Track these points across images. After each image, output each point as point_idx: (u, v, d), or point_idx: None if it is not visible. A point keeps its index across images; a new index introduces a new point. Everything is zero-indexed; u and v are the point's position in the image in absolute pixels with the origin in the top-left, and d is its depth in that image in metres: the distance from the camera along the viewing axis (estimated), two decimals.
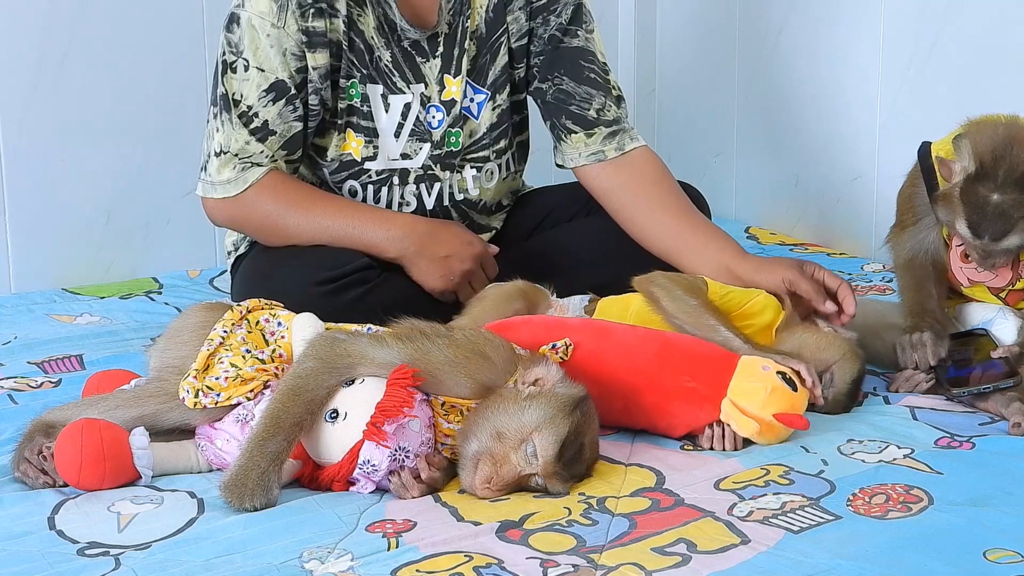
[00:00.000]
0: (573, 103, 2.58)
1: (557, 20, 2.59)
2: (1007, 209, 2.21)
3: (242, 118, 2.44)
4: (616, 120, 2.60)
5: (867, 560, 1.78)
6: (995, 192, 2.21)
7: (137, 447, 2.02)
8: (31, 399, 2.39)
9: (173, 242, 3.21)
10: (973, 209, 2.22)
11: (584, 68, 2.59)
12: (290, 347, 2.10)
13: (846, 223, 3.28)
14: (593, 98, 2.59)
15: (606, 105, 2.59)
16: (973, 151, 2.23)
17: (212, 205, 2.51)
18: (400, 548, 1.84)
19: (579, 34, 2.60)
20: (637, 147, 2.60)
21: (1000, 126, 2.28)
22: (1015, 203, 2.21)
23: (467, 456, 1.98)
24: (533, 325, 2.22)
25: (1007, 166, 2.21)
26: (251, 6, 2.42)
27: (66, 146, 3.10)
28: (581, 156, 2.59)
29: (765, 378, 2.13)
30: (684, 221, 2.54)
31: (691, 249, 2.49)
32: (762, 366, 2.14)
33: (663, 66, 3.75)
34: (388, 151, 2.53)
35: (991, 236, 2.22)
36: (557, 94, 2.59)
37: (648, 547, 1.82)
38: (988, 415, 2.26)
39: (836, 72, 3.27)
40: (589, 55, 2.60)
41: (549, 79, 2.60)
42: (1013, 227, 2.22)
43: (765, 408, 2.11)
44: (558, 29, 2.59)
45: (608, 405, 2.13)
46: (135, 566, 1.81)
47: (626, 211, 2.58)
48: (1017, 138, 2.24)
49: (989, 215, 2.21)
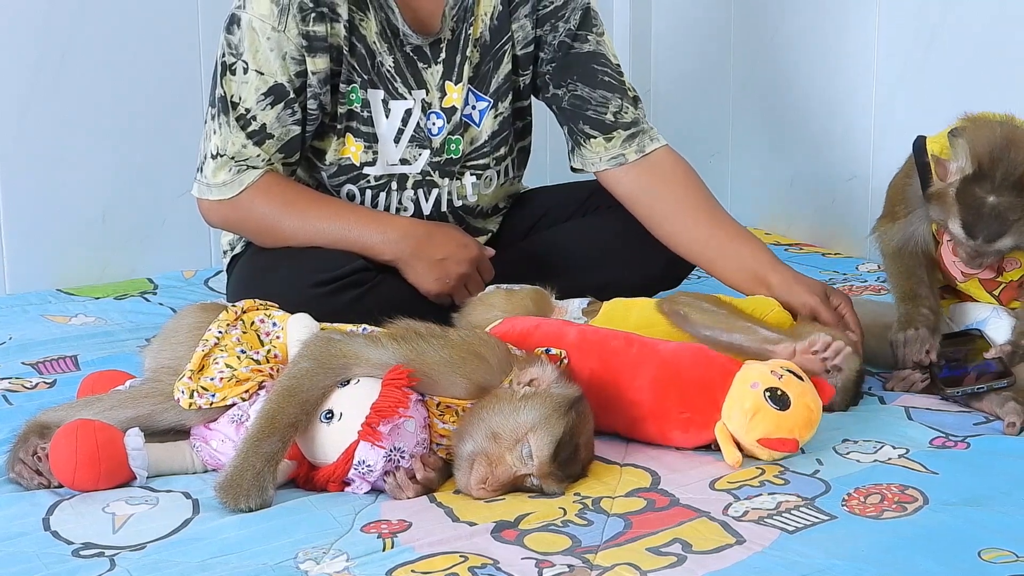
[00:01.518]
0: (589, 108, 2.57)
1: (566, 26, 2.57)
2: (1003, 211, 2.21)
3: (240, 121, 2.44)
4: (635, 122, 2.58)
5: (862, 560, 1.78)
6: (991, 194, 2.21)
7: (132, 448, 2.02)
8: (26, 400, 2.39)
9: (168, 243, 3.21)
10: (969, 210, 2.22)
11: (597, 72, 2.58)
12: (285, 348, 2.10)
13: (841, 223, 3.28)
14: (609, 101, 2.57)
15: (623, 107, 2.58)
16: (971, 151, 2.23)
17: (207, 207, 2.50)
18: (395, 549, 1.84)
19: (589, 38, 2.59)
20: (658, 147, 2.58)
21: (997, 126, 2.27)
22: (1011, 206, 2.21)
23: (462, 456, 1.98)
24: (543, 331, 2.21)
25: (1004, 168, 2.21)
26: (252, 8, 2.41)
27: (62, 147, 3.10)
28: (602, 161, 2.58)
29: (751, 398, 2.07)
30: (715, 225, 2.51)
31: (723, 255, 2.48)
32: (751, 384, 2.08)
33: (658, 67, 3.75)
34: (387, 156, 2.52)
35: (985, 238, 2.22)
36: (572, 100, 2.58)
37: (643, 547, 1.82)
38: (983, 415, 2.26)
39: (831, 73, 3.27)
40: (601, 58, 2.59)
41: (563, 85, 2.58)
42: (1008, 229, 2.21)
43: (748, 434, 2.07)
44: (567, 35, 2.58)
45: (613, 422, 2.14)
46: (130, 567, 1.81)
47: (653, 215, 2.55)
48: (1013, 140, 2.24)
49: (985, 217, 2.21)
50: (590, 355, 2.16)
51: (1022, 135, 2.25)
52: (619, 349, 2.17)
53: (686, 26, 3.68)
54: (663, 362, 2.15)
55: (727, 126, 3.59)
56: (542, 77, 2.61)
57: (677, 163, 2.59)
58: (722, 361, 2.15)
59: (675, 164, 2.58)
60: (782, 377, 2.09)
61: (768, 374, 2.09)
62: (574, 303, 2.38)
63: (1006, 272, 2.35)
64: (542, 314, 2.31)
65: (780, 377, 2.08)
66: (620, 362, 2.15)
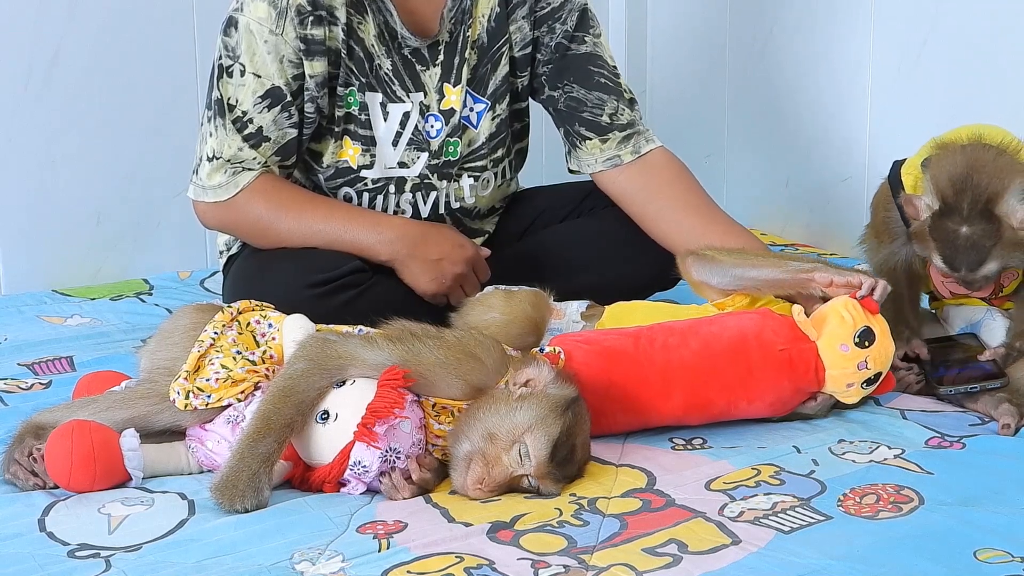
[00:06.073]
0: (585, 110, 2.57)
1: (563, 27, 2.58)
2: (977, 240, 2.21)
3: (236, 123, 2.43)
4: (630, 123, 2.59)
5: (858, 560, 1.78)
6: (963, 225, 2.21)
7: (127, 449, 2.02)
8: (21, 401, 2.39)
9: (163, 243, 3.21)
10: (945, 244, 2.22)
11: (593, 74, 2.58)
12: (281, 348, 2.10)
13: (836, 224, 3.29)
14: (605, 103, 2.58)
15: (619, 109, 2.58)
16: (934, 187, 2.23)
17: (203, 209, 2.50)
18: (391, 549, 1.84)
19: (586, 40, 2.59)
20: (653, 148, 2.59)
21: (958, 152, 2.25)
22: (984, 233, 2.21)
23: (458, 457, 1.98)
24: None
25: (970, 198, 2.20)
26: (250, 11, 2.41)
27: (57, 147, 3.10)
28: (597, 162, 2.58)
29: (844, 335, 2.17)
30: (709, 222, 2.53)
31: None
32: (840, 345, 2.16)
33: (654, 67, 3.75)
34: (385, 160, 2.52)
35: (967, 268, 2.23)
36: (568, 102, 2.59)
37: (639, 548, 1.82)
38: (978, 415, 2.27)
39: (826, 73, 3.27)
40: (598, 60, 2.59)
41: (559, 87, 2.59)
42: (987, 256, 2.21)
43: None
44: (564, 36, 2.58)
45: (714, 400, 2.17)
46: (126, 568, 1.81)
47: (647, 214, 2.56)
48: (976, 165, 2.22)
49: (961, 248, 2.21)
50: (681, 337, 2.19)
51: (987, 157, 2.23)
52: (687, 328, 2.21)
53: (682, 27, 3.69)
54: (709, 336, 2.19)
55: (722, 127, 3.59)
56: (539, 78, 2.61)
57: (672, 162, 2.59)
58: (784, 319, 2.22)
59: (670, 163, 2.59)
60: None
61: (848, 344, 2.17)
62: (572, 305, 2.38)
63: (1005, 287, 2.36)
64: (540, 316, 2.31)
65: None
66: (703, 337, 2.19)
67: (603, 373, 2.14)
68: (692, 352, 2.16)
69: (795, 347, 2.18)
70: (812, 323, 2.20)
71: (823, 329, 2.19)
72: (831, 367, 2.18)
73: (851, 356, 2.17)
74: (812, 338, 2.18)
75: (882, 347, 2.18)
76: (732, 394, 2.17)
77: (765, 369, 2.17)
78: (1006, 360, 2.30)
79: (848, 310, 2.18)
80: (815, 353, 2.18)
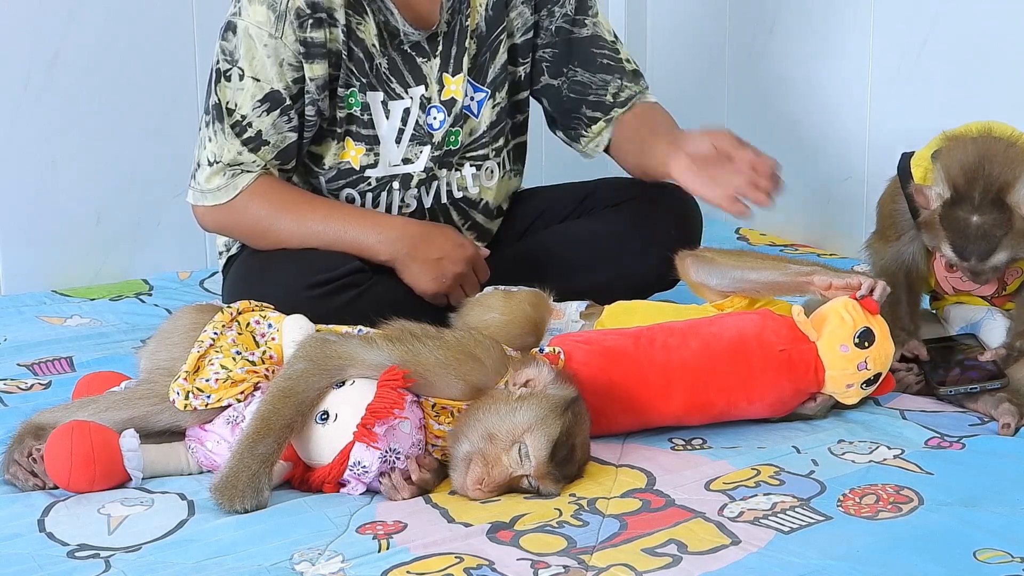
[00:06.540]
0: (591, 92, 2.61)
1: (562, 11, 2.60)
2: (989, 229, 2.21)
3: (235, 128, 2.43)
4: (630, 97, 2.63)
5: (857, 561, 1.78)
6: (974, 214, 2.21)
7: (127, 449, 2.02)
8: (21, 401, 2.39)
9: (163, 244, 3.21)
10: (956, 234, 2.23)
11: (596, 56, 2.61)
12: (280, 349, 2.09)
13: (836, 223, 3.28)
14: (609, 83, 2.62)
15: (622, 86, 2.63)
16: (945, 176, 2.24)
17: (202, 212, 2.50)
18: (391, 549, 1.84)
19: (587, 23, 2.61)
20: (641, 100, 2.64)
21: (969, 143, 2.26)
22: (996, 222, 2.21)
23: (458, 457, 1.98)
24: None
25: (982, 187, 2.21)
26: (249, 15, 2.40)
27: (56, 148, 3.10)
28: (604, 138, 2.63)
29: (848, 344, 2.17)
30: (663, 134, 2.54)
31: (650, 146, 2.53)
32: (840, 346, 2.16)
33: (653, 66, 3.75)
34: (389, 157, 2.52)
35: (978, 257, 2.23)
36: (573, 86, 2.62)
37: (639, 548, 1.82)
38: (978, 416, 2.26)
39: (826, 72, 3.27)
40: (599, 40, 2.63)
41: (563, 74, 2.61)
42: (997, 245, 2.22)
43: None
44: (565, 20, 2.60)
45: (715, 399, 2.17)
46: (125, 568, 1.81)
47: (628, 156, 2.62)
48: (987, 155, 2.23)
49: (972, 237, 2.22)
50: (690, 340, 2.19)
51: (997, 147, 2.24)
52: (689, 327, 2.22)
53: (681, 27, 3.68)
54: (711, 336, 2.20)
55: (721, 125, 3.58)
56: (538, 64, 2.62)
57: (650, 106, 2.63)
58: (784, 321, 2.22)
59: (647, 107, 2.62)
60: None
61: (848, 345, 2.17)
62: (572, 305, 2.38)
63: (1008, 284, 2.36)
64: (540, 316, 2.31)
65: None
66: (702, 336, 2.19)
67: (603, 373, 2.14)
68: (692, 352, 2.16)
69: (795, 348, 2.18)
70: (812, 324, 2.20)
71: (823, 330, 2.19)
72: (831, 368, 2.18)
73: (851, 357, 2.17)
74: (812, 339, 2.18)
75: (882, 348, 2.18)
76: (732, 394, 2.17)
77: (765, 370, 2.17)
78: (1006, 360, 2.30)
79: (848, 311, 2.18)
80: (815, 354, 2.18)
